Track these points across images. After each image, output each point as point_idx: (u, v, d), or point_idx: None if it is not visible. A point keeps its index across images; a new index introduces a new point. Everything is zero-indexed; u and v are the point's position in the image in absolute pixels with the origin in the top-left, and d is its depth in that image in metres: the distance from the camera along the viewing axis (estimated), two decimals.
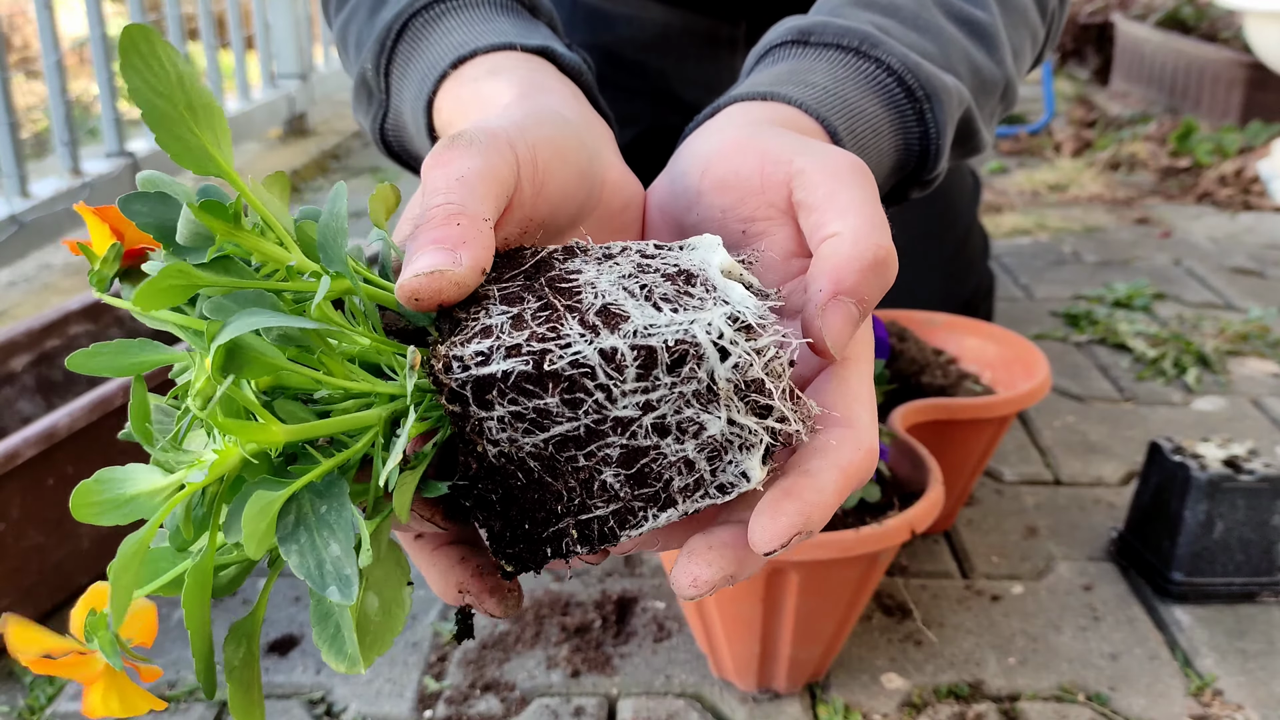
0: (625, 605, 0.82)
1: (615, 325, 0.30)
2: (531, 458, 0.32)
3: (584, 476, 0.32)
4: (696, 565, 0.33)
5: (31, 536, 0.79)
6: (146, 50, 0.30)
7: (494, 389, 0.30)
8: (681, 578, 0.33)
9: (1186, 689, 0.74)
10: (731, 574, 0.34)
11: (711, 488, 0.32)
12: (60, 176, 1.69)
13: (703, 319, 0.31)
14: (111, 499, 0.30)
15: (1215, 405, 1.17)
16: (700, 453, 0.32)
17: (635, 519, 0.33)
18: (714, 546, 0.33)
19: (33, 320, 0.99)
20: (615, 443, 0.31)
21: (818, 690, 0.74)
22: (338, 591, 0.29)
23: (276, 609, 0.83)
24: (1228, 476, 0.80)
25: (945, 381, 0.91)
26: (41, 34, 1.64)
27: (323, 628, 0.32)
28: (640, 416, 0.31)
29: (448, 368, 0.30)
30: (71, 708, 0.73)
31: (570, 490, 0.32)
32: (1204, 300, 1.49)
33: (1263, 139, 2.22)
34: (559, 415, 0.31)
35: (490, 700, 0.73)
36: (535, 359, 0.30)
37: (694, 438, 0.31)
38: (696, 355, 0.30)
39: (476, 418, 0.31)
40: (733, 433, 0.31)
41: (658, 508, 0.33)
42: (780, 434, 0.32)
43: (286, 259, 0.33)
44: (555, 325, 0.31)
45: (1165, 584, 0.83)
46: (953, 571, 0.88)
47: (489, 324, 0.31)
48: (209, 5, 2.23)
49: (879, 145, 0.52)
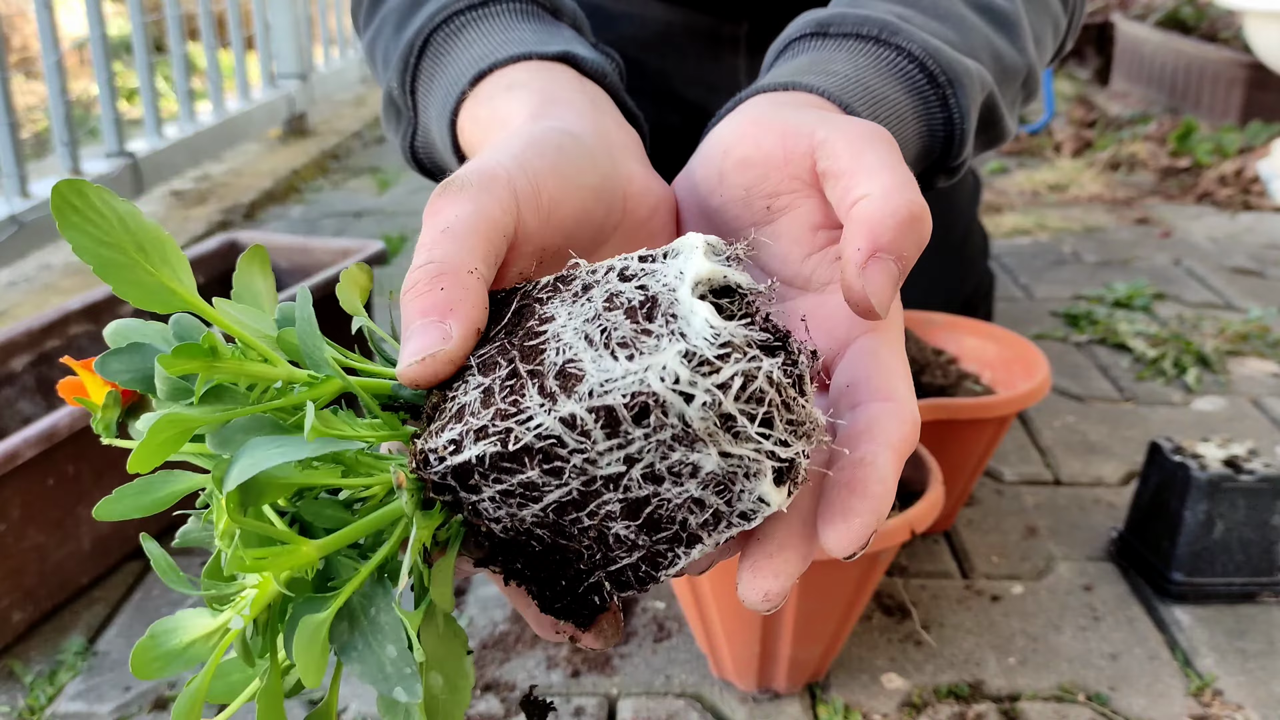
0: (625, 605, 0.82)
1: (571, 388, 0.30)
2: (537, 526, 0.32)
3: (595, 534, 0.32)
4: (764, 579, 0.32)
5: (32, 537, 0.79)
6: (81, 203, 0.30)
7: (474, 474, 0.30)
8: (752, 594, 0.32)
9: (1186, 689, 0.74)
10: (798, 574, 0.33)
11: (733, 517, 0.31)
12: (60, 176, 1.69)
13: (656, 364, 0.29)
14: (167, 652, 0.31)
15: (1215, 405, 1.17)
16: (706, 489, 0.30)
17: (666, 560, 0.32)
18: (775, 555, 0.32)
19: (33, 320, 0.99)
20: (612, 498, 0.30)
21: (818, 690, 0.74)
22: (403, 692, 0.30)
23: None
24: (1228, 476, 0.80)
25: (945, 381, 0.91)
26: (41, 34, 1.64)
27: (392, 715, 0.33)
28: (628, 470, 0.30)
29: (425, 463, 0.31)
30: (71, 708, 0.73)
31: (588, 549, 0.32)
32: (1204, 300, 1.49)
33: (1263, 139, 2.22)
34: (546, 485, 0.30)
35: (490, 700, 0.73)
36: (501, 438, 0.30)
37: (692, 477, 0.30)
38: (659, 404, 0.29)
39: (469, 502, 0.31)
40: (732, 465, 0.30)
41: (683, 546, 0.32)
42: (785, 455, 0.30)
43: (274, 376, 0.33)
44: (517, 398, 0.30)
45: (1165, 584, 0.83)
46: (953, 571, 0.88)
47: (463, 403, 0.31)
48: (209, 5, 2.23)
49: (903, 132, 0.52)
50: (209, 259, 1.18)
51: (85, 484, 0.83)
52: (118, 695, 0.74)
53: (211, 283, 1.18)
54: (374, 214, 2.03)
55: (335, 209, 2.08)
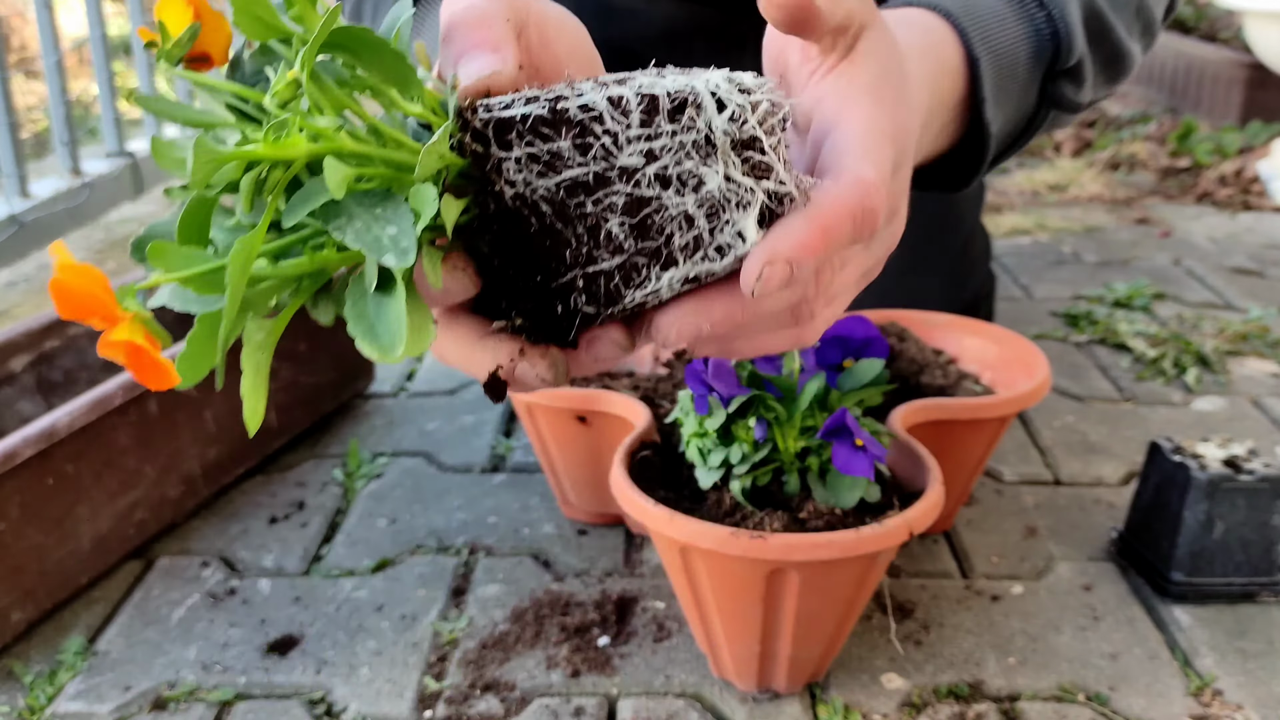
0: (625, 605, 0.82)
1: (623, 82, 0.34)
2: (544, 201, 0.34)
3: (591, 224, 0.34)
4: (678, 314, 0.35)
5: (31, 536, 0.79)
6: None
7: (513, 130, 0.34)
8: (667, 325, 0.35)
9: (1186, 689, 0.74)
10: (711, 324, 0.35)
11: (710, 249, 0.34)
12: (60, 176, 1.69)
13: (702, 77, 0.34)
14: (222, 157, 0.31)
15: (1215, 405, 1.17)
16: (700, 209, 0.33)
17: (639, 276, 0.34)
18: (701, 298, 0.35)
19: (32, 320, 0.99)
20: (621, 190, 0.33)
21: (817, 690, 0.74)
22: (394, 258, 0.30)
23: (276, 609, 0.83)
24: (1228, 476, 0.80)
25: (945, 382, 0.91)
26: (41, 34, 1.64)
27: (358, 322, 0.33)
28: (644, 165, 0.33)
29: (474, 110, 0.34)
30: (71, 707, 0.73)
31: (579, 239, 0.34)
32: (1204, 300, 1.49)
33: (1262, 139, 2.22)
34: (570, 160, 0.33)
35: (490, 700, 0.73)
36: (551, 104, 0.33)
37: (694, 191, 0.33)
38: (695, 103, 0.33)
39: (496, 157, 0.34)
40: (730, 189, 0.33)
41: (660, 266, 0.34)
42: (775, 195, 0.34)
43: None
44: (571, 86, 0.34)
45: (1165, 584, 0.83)
46: (952, 571, 0.88)
47: (514, 98, 0.35)
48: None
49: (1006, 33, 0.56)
50: None
51: (85, 483, 0.83)
52: (117, 695, 0.74)
53: None
54: None
55: None
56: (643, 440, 0.77)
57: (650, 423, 0.79)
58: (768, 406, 0.68)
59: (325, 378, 1.11)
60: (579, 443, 0.87)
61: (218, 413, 0.97)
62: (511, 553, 0.91)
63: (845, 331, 0.72)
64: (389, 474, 1.04)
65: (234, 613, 0.83)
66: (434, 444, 1.10)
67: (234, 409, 0.99)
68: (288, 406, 1.06)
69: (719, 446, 0.70)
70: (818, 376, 0.68)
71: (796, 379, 0.69)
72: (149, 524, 0.91)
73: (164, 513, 0.93)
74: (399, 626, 0.81)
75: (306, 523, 0.96)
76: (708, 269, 0.34)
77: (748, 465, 0.69)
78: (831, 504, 0.68)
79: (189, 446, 0.94)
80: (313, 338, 1.08)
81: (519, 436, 1.11)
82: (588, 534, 0.93)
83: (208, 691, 0.74)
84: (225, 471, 1.00)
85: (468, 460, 1.06)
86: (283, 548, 0.92)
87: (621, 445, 0.74)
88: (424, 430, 1.13)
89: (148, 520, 0.91)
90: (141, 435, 0.88)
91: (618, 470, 0.71)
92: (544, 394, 0.85)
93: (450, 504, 0.99)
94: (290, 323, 0.37)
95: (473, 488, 1.01)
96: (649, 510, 0.66)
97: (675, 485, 0.74)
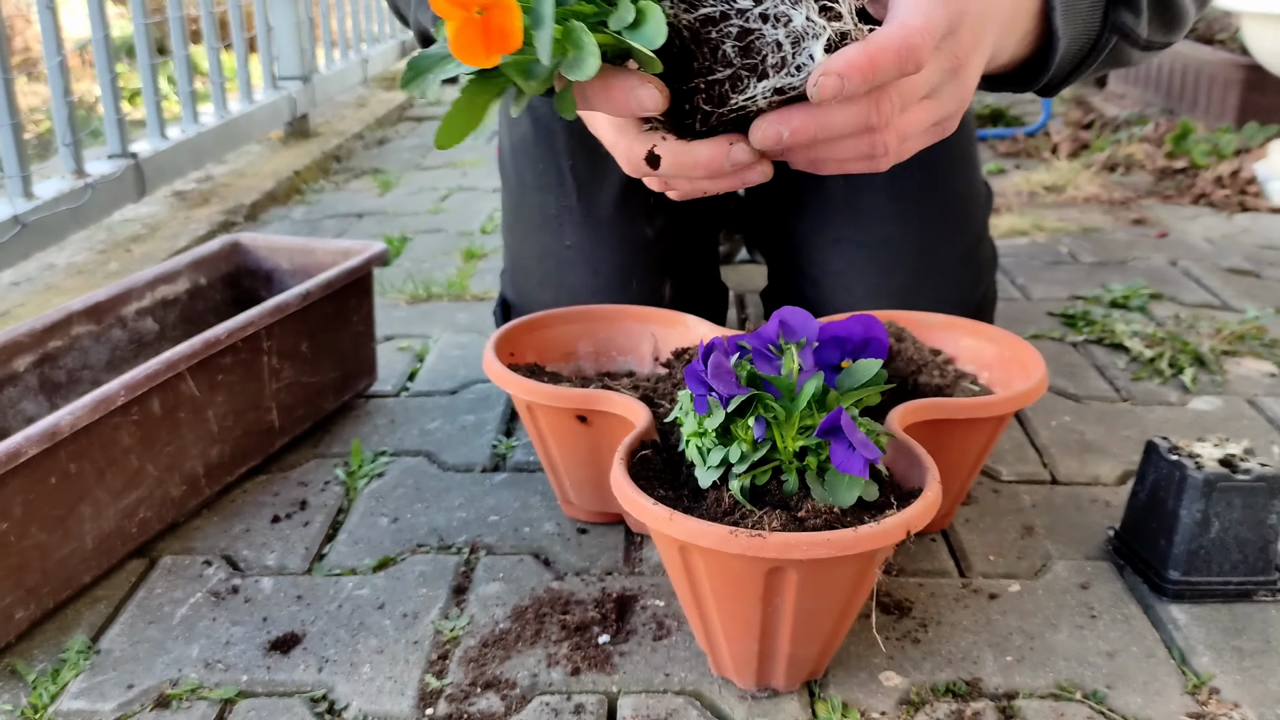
0: (625, 603, 0.83)
1: None
2: (686, 29, 0.49)
3: (713, 45, 0.49)
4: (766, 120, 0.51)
5: (34, 535, 0.79)
6: None
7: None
8: (757, 129, 0.51)
9: (1183, 687, 0.74)
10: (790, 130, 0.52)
11: (791, 67, 0.49)
12: (63, 178, 1.70)
13: None
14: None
15: (1212, 405, 1.18)
16: (787, 39, 0.49)
17: (742, 84, 0.50)
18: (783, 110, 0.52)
19: (35, 321, 1.00)
20: (735, 23, 0.49)
21: (816, 688, 0.74)
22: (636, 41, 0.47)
23: (278, 607, 0.84)
24: (1224, 476, 0.81)
25: (943, 381, 0.92)
26: (44, 35, 1.64)
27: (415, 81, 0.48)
28: (752, 7, 0.49)
29: None
30: (74, 706, 0.74)
31: (703, 56, 0.50)
32: (1200, 300, 1.50)
33: (1259, 140, 2.22)
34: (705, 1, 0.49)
35: (491, 698, 0.73)
36: None
37: (784, 26, 0.48)
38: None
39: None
40: (808, 26, 0.48)
41: (756, 78, 0.50)
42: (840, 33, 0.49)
43: None
44: None
45: (1162, 583, 0.83)
46: (950, 570, 0.88)
47: None
48: (211, 7, 2.24)
49: None
50: (212, 260, 1.19)
51: (88, 482, 0.84)
52: (120, 693, 0.75)
53: (214, 283, 1.19)
54: (375, 215, 2.03)
55: (337, 210, 2.08)
56: (643, 439, 0.77)
57: (650, 422, 0.79)
58: (766, 406, 0.69)
59: (327, 377, 1.12)
60: (579, 442, 0.88)
61: (220, 412, 0.97)
62: (512, 551, 0.91)
63: (844, 332, 0.72)
64: (390, 473, 1.05)
65: (236, 611, 0.84)
66: (435, 443, 1.10)
67: (235, 408, 0.99)
68: (290, 406, 1.07)
69: (718, 446, 0.70)
70: (816, 376, 0.68)
71: (795, 379, 0.69)
72: (151, 523, 0.92)
73: (167, 511, 0.93)
74: (400, 625, 0.81)
75: (308, 521, 0.96)
76: (789, 82, 0.49)
77: (746, 464, 0.70)
78: (830, 503, 0.68)
79: (191, 445, 0.95)
80: (314, 338, 1.08)
81: (519, 436, 1.11)
82: (588, 532, 0.94)
83: (210, 690, 0.75)
84: (228, 470, 1.00)
85: (469, 459, 1.07)
86: (285, 546, 0.93)
87: (621, 444, 0.75)
88: (425, 429, 1.13)
89: (150, 519, 0.91)
90: (144, 434, 0.89)
91: (618, 469, 0.71)
92: (545, 393, 0.85)
93: (451, 503, 0.99)
94: (290, 323, 0.38)
95: (474, 487, 1.02)
96: (649, 509, 0.66)
97: (675, 484, 0.74)
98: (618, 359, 1.01)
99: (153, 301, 1.11)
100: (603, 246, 1.09)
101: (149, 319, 1.11)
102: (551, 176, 1.11)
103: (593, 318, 1.01)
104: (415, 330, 1.42)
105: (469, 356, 1.33)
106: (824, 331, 0.72)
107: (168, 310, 1.13)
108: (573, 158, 1.10)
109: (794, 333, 0.72)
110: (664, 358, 1.00)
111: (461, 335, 1.40)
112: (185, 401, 0.93)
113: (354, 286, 1.13)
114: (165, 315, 1.13)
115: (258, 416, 1.03)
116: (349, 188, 2.27)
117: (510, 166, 1.15)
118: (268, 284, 1.21)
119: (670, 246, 1.11)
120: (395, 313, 1.49)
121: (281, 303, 1.01)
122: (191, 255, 1.17)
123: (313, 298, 1.04)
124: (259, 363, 1.01)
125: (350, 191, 2.24)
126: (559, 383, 0.92)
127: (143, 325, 1.10)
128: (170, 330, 1.13)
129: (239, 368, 0.99)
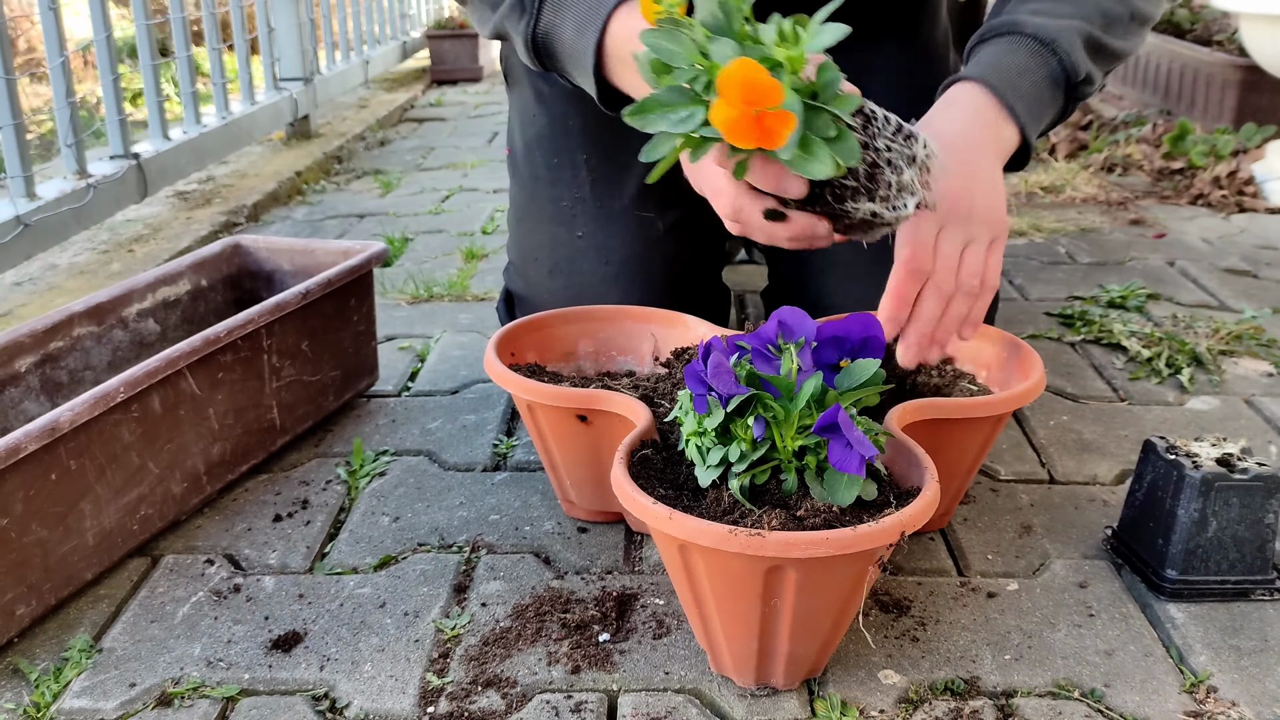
0: (625, 602, 0.83)
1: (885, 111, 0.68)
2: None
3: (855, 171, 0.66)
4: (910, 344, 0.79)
5: (35, 531, 0.80)
6: None
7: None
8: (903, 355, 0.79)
9: (1181, 686, 0.75)
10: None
11: (894, 203, 0.66)
12: (65, 178, 1.70)
13: (919, 126, 0.77)
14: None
15: (1209, 405, 1.18)
16: (891, 187, 0.66)
17: (857, 197, 0.66)
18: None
19: (37, 321, 1.00)
20: (869, 158, 0.65)
21: (815, 686, 0.75)
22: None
23: (280, 606, 0.84)
24: (1221, 475, 0.81)
25: (941, 381, 0.92)
26: (46, 36, 1.65)
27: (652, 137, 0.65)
28: (884, 150, 0.66)
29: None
30: (77, 704, 0.74)
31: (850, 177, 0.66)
32: (1198, 301, 1.50)
33: (1257, 141, 2.23)
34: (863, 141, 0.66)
35: (491, 696, 0.74)
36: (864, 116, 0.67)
37: (897, 175, 0.66)
38: (912, 134, 0.67)
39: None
40: (909, 181, 0.66)
41: (867, 199, 0.66)
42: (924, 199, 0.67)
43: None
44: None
45: (1159, 582, 0.84)
46: (949, 569, 0.88)
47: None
48: (213, 8, 2.24)
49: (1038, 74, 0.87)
50: (213, 261, 1.19)
51: (88, 479, 0.84)
52: (123, 691, 0.75)
53: (216, 285, 1.19)
54: (376, 216, 2.04)
55: (338, 211, 2.09)
56: (643, 439, 0.77)
57: (650, 421, 0.79)
58: (766, 406, 0.69)
59: (328, 376, 1.12)
60: (580, 441, 0.88)
61: (220, 410, 0.98)
62: (513, 550, 0.91)
63: (842, 331, 0.73)
64: (392, 472, 1.05)
65: (238, 610, 0.84)
66: (436, 443, 1.11)
67: (236, 406, 1.00)
68: (291, 404, 1.07)
69: (718, 445, 0.71)
70: (815, 376, 0.69)
71: (794, 378, 0.70)
72: (153, 520, 0.92)
73: (168, 509, 0.94)
74: (401, 623, 0.82)
75: (310, 520, 0.97)
76: (883, 214, 0.66)
77: (746, 464, 0.70)
78: (829, 502, 0.68)
79: (193, 444, 0.95)
80: (315, 336, 1.09)
81: (520, 435, 1.12)
82: (588, 531, 0.94)
83: (212, 688, 0.75)
84: (229, 468, 1.01)
85: (469, 459, 1.07)
86: (287, 545, 0.93)
87: (622, 444, 0.75)
88: (426, 429, 1.14)
89: (152, 516, 0.92)
90: (145, 431, 0.89)
91: (618, 468, 0.72)
92: (545, 393, 0.86)
93: (452, 502, 0.99)
94: (290, 321, 0.38)
95: (474, 486, 1.02)
96: (649, 508, 0.67)
97: (675, 483, 0.75)
98: (618, 359, 1.02)
99: (154, 303, 1.12)
100: (615, 237, 1.11)
101: (150, 320, 1.11)
102: (566, 170, 1.13)
103: (593, 318, 1.02)
104: (416, 330, 1.43)
105: (470, 356, 1.33)
106: (822, 331, 0.72)
107: (169, 311, 1.14)
108: (588, 152, 1.13)
109: (792, 332, 0.72)
110: (664, 358, 1.00)
111: (462, 335, 1.40)
112: (186, 399, 0.93)
113: (354, 286, 1.13)
114: (167, 316, 1.13)
115: (259, 414, 1.03)
116: (350, 188, 2.28)
117: (523, 161, 1.17)
118: (269, 285, 1.22)
119: (680, 241, 1.13)
120: (396, 313, 1.50)
121: (281, 301, 1.01)
122: (193, 257, 1.17)
123: (312, 296, 1.05)
124: (259, 361, 1.02)
125: (352, 192, 2.24)
126: (559, 382, 0.93)
127: (144, 326, 1.10)
128: (172, 331, 1.13)
129: (239, 365, 0.99)
